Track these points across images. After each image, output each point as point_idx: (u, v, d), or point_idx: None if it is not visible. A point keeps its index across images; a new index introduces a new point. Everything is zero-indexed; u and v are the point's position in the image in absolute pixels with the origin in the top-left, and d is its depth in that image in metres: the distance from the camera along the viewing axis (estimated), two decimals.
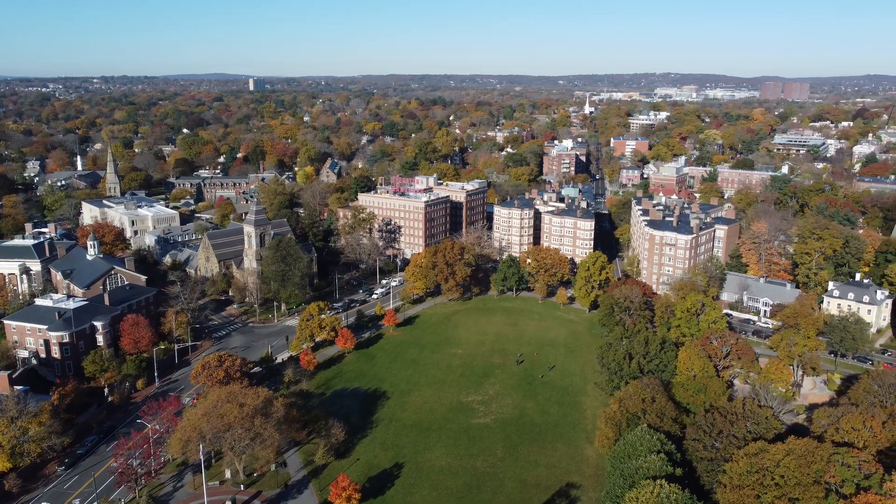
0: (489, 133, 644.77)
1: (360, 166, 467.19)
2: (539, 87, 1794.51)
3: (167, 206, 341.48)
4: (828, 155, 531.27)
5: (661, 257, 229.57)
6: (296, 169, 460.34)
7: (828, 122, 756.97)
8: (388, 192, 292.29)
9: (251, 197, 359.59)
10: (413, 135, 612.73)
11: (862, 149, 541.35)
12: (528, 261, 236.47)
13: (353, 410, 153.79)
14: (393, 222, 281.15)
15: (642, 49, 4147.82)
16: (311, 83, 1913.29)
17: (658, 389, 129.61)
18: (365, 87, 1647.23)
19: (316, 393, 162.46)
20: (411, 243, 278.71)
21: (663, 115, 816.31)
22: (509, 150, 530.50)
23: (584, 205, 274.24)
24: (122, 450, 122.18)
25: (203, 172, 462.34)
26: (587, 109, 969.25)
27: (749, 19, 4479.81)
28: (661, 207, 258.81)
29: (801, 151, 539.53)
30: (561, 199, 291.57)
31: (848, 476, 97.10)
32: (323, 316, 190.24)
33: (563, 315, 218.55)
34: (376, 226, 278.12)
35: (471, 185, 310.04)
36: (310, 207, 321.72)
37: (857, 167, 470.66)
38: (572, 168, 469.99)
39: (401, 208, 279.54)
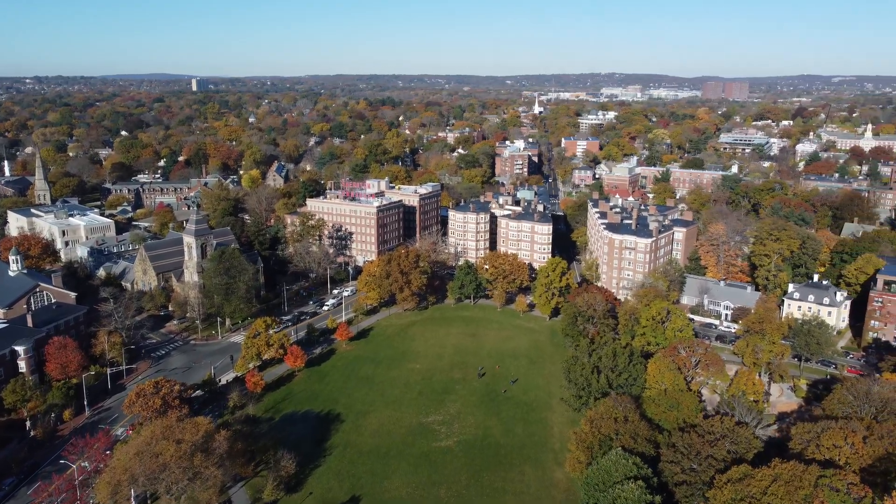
0: (440, 134, 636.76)
1: (308, 169, 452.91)
2: (487, 87, 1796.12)
3: (102, 214, 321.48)
4: (772, 154, 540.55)
5: (620, 261, 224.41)
6: (241, 172, 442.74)
7: (769, 122, 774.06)
8: (337, 196, 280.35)
9: (193, 203, 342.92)
10: (362, 136, 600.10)
11: (804, 147, 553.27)
12: (486, 267, 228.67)
13: (305, 437, 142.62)
14: (344, 229, 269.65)
15: (587, 49, 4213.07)
16: (256, 83, 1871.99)
17: (630, 408, 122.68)
18: (312, 88, 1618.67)
19: (264, 418, 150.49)
20: (363, 250, 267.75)
21: (611, 114, 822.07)
22: (461, 150, 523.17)
23: (540, 208, 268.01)
24: (43, 495, 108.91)
25: (142, 177, 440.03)
26: (536, 109, 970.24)
27: (689, 21, 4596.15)
28: (618, 210, 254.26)
29: (747, 150, 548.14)
30: (517, 202, 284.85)
31: (837, 501, 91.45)
32: (271, 332, 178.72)
33: (524, 323, 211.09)
34: (326, 232, 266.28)
35: (424, 189, 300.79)
36: (255, 214, 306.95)
37: (802, 165, 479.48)
38: (525, 169, 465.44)
39: (352, 214, 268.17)
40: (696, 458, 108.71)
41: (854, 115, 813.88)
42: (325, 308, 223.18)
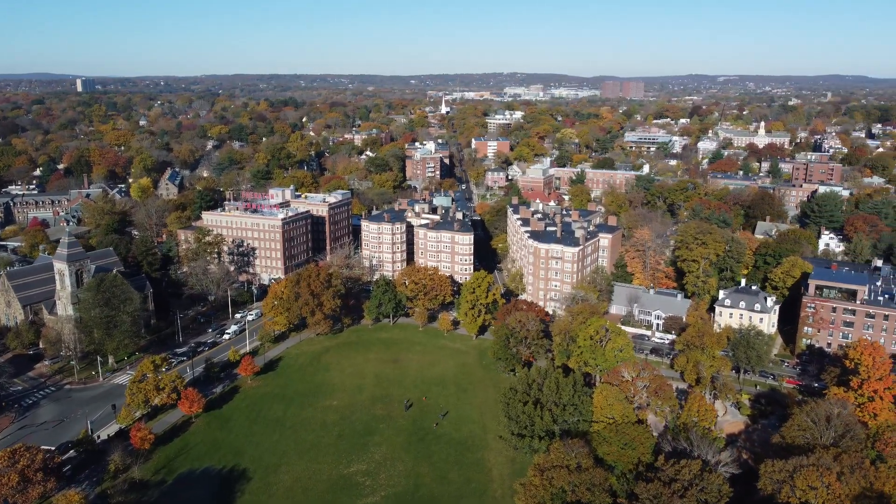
0: (346, 136, 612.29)
1: (205, 176, 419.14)
2: (392, 87, 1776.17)
3: None
4: (675, 151, 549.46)
5: (547, 272, 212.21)
6: (129, 181, 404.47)
7: (669, 120, 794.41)
8: (238, 208, 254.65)
9: (72, 218, 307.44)
10: (264, 139, 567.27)
11: (706, 145, 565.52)
12: (405, 283, 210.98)
13: (205, 503, 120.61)
14: (246, 244, 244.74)
15: (489, 49, 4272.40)
16: (148, 84, 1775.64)
17: (583, 453, 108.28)
18: (209, 88, 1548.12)
19: (153, 482, 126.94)
20: (269, 267, 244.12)
21: (518, 114, 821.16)
22: (369, 153, 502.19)
23: (459, 216, 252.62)
24: None
25: (14, 188, 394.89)
26: (444, 109, 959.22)
27: (585, 22, 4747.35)
28: (540, 216, 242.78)
29: (652, 149, 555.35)
30: (433, 210, 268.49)
31: None
32: (163, 369, 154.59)
33: (449, 344, 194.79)
34: (226, 249, 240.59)
35: (333, 197, 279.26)
36: (145, 229, 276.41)
37: (706, 163, 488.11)
38: (437, 172, 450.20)
39: (254, 227, 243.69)
40: None
41: (744, 112, 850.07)
42: (227, 336, 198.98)
